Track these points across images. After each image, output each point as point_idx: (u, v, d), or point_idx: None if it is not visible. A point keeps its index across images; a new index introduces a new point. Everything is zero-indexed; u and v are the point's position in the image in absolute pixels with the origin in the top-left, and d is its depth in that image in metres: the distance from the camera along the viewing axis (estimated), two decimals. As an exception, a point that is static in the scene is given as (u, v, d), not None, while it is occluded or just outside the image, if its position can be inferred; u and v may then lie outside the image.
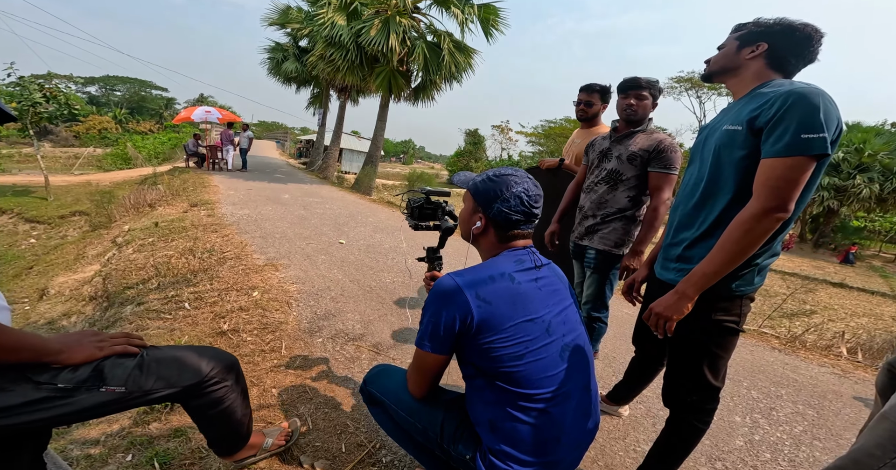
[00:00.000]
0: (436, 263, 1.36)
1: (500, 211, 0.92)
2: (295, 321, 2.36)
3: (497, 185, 0.93)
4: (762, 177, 0.94)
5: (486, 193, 0.95)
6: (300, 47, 12.60)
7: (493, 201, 0.93)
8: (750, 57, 1.08)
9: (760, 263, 1.03)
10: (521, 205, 0.92)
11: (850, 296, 9.73)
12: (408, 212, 1.34)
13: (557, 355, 0.91)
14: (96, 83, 55.55)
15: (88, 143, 27.78)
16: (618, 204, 1.76)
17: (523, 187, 0.93)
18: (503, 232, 0.95)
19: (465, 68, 9.91)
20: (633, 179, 1.72)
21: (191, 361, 0.94)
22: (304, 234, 4.58)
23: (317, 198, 7.79)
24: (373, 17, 8.73)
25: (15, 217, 8.35)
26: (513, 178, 0.93)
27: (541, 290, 0.92)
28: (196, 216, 4.92)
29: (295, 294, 2.77)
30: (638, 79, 1.69)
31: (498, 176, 0.95)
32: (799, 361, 2.78)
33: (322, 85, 13.08)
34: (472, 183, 0.99)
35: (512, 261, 0.93)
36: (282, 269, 3.26)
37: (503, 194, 0.92)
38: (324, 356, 2.01)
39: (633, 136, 1.73)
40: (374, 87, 10.01)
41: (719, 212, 1.04)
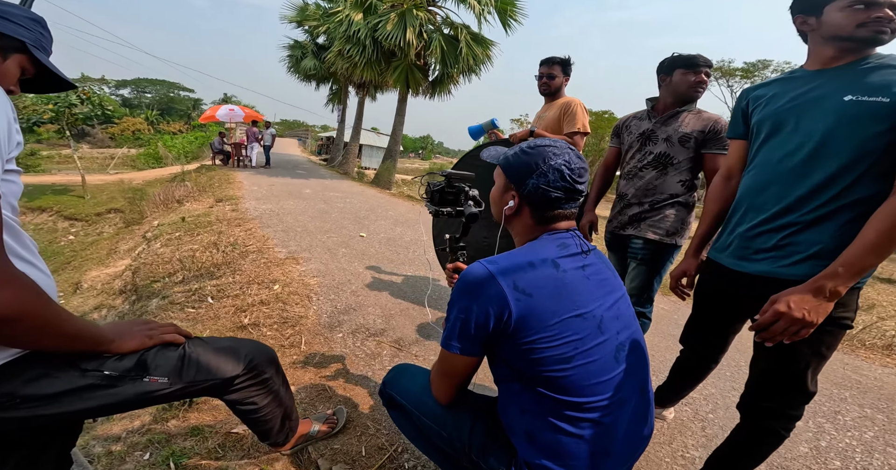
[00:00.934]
0: (459, 254, 1.22)
1: (536, 187, 0.79)
2: (315, 315, 2.30)
3: (532, 157, 0.80)
4: None
5: (519, 168, 0.82)
6: (318, 44, 12.66)
7: (527, 176, 0.80)
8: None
9: None
10: (562, 179, 0.78)
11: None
12: (427, 196, 1.22)
13: (612, 357, 0.76)
14: (128, 86, 58.28)
15: (123, 143, 29.27)
16: (670, 189, 1.60)
17: (564, 159, 0.79)
18: (541, 212, 0.82)
19: (483, 61, 9.67)
20: (686, 163, 1.57)
21: (231, 354, 0.93)
22: (324, 227, 4.57)
23: (337, 192, 7.82)
24: (389, 12, 8.63)
25: (55, 215, 8.84)
26: (551, 150, 0.80)
27: (589, 279, 0.78)
28: (221, 211, 5.00)
29: (315, 287, 2.72)
30: (706, 58, 1.55)
31: (533, 147, 0.82)
32: (860, 362, 2.52)
33: (340, 81, 13.13)
34: (503, 157, 0.86)
35: (554, 245, 0.79)
36: (303, 262, 3.23)
37: (539, 168, 0.79)
38: (343, 352, 1.94)
39: (680, 117, 1.58)
40: (391, 81, 9.95)
41: (843, 193, 0.90)
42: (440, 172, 1.20)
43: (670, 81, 1.59)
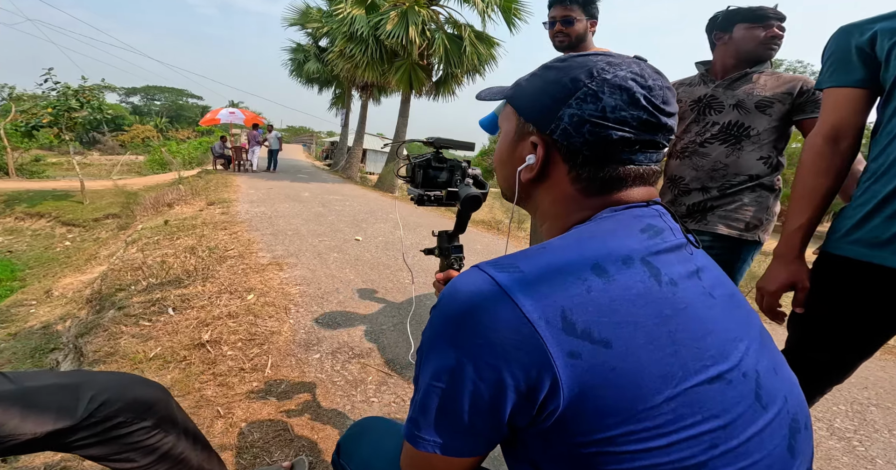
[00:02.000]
0: (453, 258, 0.86)
1: (579, 121, 0.42)
2: (290, 331, 1.97)
3: (565, 71, 0.44)
4: None
5: (542, 92, 0.45)
6: (320, 47, 12.63)
7: (559, 103, 0.43)
8: None
9: None
10: (631, 104, 0.41)
11: None
12: (407, 176, 0.85)
13: (785, 450, 0.38)
14: (138, 93, 59.94)
15: (134, 150, 29.77)
16: (748, 169, 1.24)
17: (630, 71, 0.42)
18: (592, 168, 0.44)
19: (488, 60, 9.49)
20: (768, 134, 1.22)
21: (54, 396, 0.65)
22: (318, 231, 4.28)
23: (337, 195, 7.57)
24: (390, 10, 8.49)
25: (52, 221, 8.73)
26: (601, 59, 0.44)
27: (713, 297, 0.40)
28: (209, 214, 4.75)
29: (296, 297, 2.39)
30: (777, 10, 1.22)
31: (566, 59, 0.46)
32: None
33: (343, 84, 13.07)
34: (512, 86, 0.52)
35: (636, 230, 0.41)
36: (287, 268, 2.92)
37: (582, 85, 0.42)
38: (318, 378, 1.60)
39: (752, 78, 1.25)
40: (394, 81, 9.76)
41: None
42: (426, 139, 0.83)
43: (730, 39, 1.26)
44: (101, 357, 1.73)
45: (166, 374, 1.56)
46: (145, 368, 1.60)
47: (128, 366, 1.62)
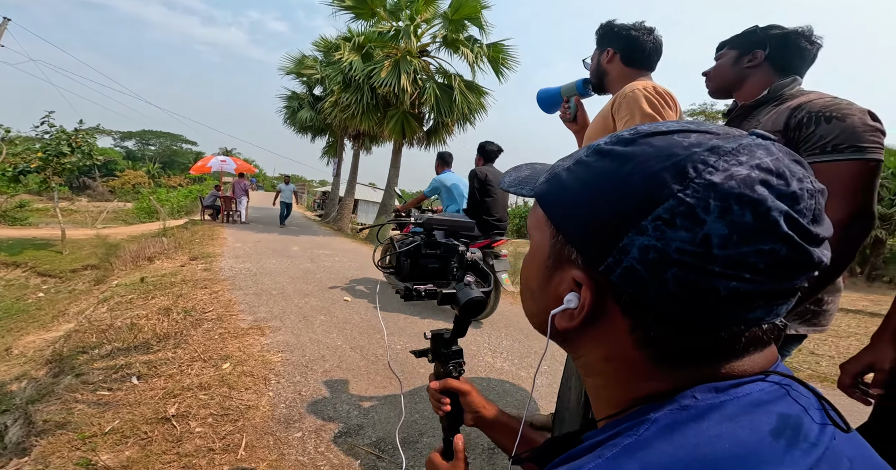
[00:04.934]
0: (450, 365, 0.75)
1: (655, 262, 0.28)
2: (268, 405, 1.93)
3: (636, 164, 0.30)
4: None
5: (593, 200, 0.31)
6: (314, 95, 13.81)
7: (624, 226, 0.29)
8: None
9: None
10: (759, 232, 0.27)
11: None
12: (387, 265, 0.79)
13: None
14: (133, 137, 63.41)
15: (124, 197, 30.67)
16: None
17: (754, 164, 0.28)
18: (675, 334, 0.30)
19: (478, 109, 10.35)
20: None
21: None
22: (305, 289, 4.32)
23: (327, 250, 7.71)
24: (383, 59, 9.42)
25: (28, 271, 8.75)
26: (700, 144, 0.29)
27: None
28: (191, 270, 4.82)
29: (277, 367, 2.37)
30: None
31: (634, 139, 0.32)
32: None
33: (336, 133, 14.02)
34: (547, 175, 0.38)
35: (765, 435, 0.27)
36: (269, 333, 2.92)
37: (669, 197, 0.28)
38: (300, 461, 1.55)
39: (757, 113, 1.16)
40: (386, 131, 10.51)
41: None
42: (414, 220, 0.80)
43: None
44: (50, 428, 1.69)
45: (123, 450, 1.52)
46: (98, 442, 1.56)
47: (77, 440, 1.58)
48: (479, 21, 9.69)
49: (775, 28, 1.19)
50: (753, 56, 1.20)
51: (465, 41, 9.75)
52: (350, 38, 10.35)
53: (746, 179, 0.27)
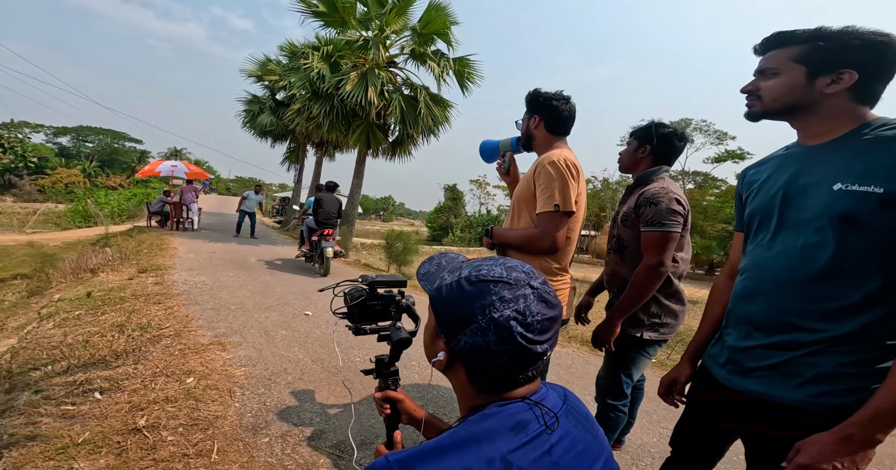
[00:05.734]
0: (390, 381, 1.06)
1: (470, 348, 0.63)
2: (236, 415, 2.14)
3: (470, 299, 0.63)
4: None
5: (450, 312, 0.66)
6: (277, 100, 13.70)
7: (459, 329, 0.64)
8: (833, 91, 0.91)
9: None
10: (508, 342, 0.61)
11: None
12: (342, 313, 1.08)
13: None
14: (69, 133, 58.50)
15: (54, 197, 28.31)
16: (627, 276, 1.67)
17: (517, 309, 0.61)
18: (483, 381, 0.66)
19: (442, 121, 10.84)
20: (634, 243, 1.65)
21: None
22: (265, 303, 4.45)
23: (288, 260, 7.75)
24: (350, 71, 9.63)
25: None
26: (501, 290, 0.63)
27: (558, 465, 0.61)
28: (141, 284, 4.80)
29: (241, 380, 2.57)
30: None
31: (478, 281, 0.64)
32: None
33: (299, 140, 13.99)
34: (437, 285, 0.70)
35: (506, 429, 0.61)
36: (230, 348, 3.08)
37: (476, 320, 0.62)
38: (269, 463, 1.79)
39: (632, 193, 1.72)
40: (352, 141, 10.72)
41: (868, 313, 0.84)
42: (361, 278, 1.10)
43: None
44: (19, 440, 1.81)
45: (99, 459, 1.69)
46: (74, 453, 1.72)
47: (50, 451, 1.73)
48: (448, 36, 10.13)
49: (662, 127, 1.74)
50: (644, 149, 1.75)
51: (432, 55, 10.16)
52: (319, 46, 10.50)
53: (507, 317, 0.61)
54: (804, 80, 0.93)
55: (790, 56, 0.95)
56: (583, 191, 1.60)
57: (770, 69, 0.98)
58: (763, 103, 1.00)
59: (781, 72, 0.96)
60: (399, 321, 1.07)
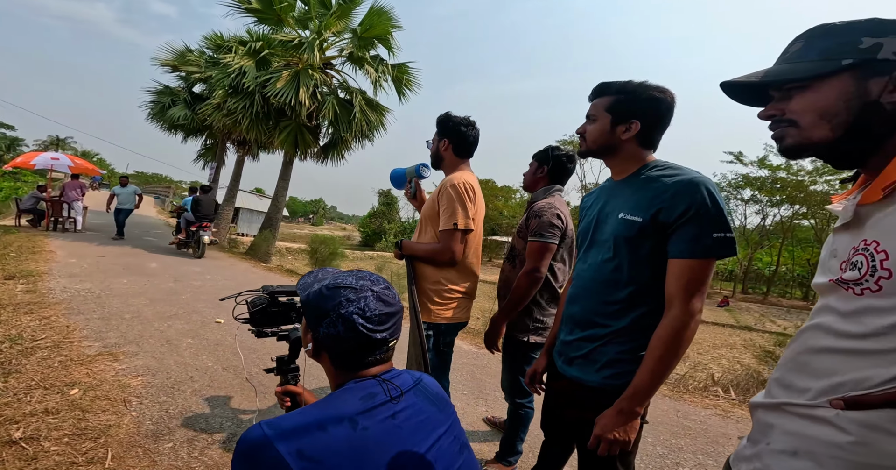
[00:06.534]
0: (290, 376, 1.23)
1: (326, 336, 0.82)
2: (133, 424, 2.06)
3: (326, 301, 0.82)
4: (681, 280, 1.00)
5: (313, 311, 0.85)
6: (193, 93, 12.65)
7: (319, 323, 0.83)
8: (626, 137, 1.13)
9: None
10: (352, 331, 0.80)
11: (708, 329, 13.34)
12: (245, 318, 1.22)
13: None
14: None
15: None
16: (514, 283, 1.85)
17: (359, 306, 0.81)
18: (340, 362, 0.85)
19: (378, 127, 10.88)
20: (525, 252, 1.84)
21: None
22: (168, 312, 4.18)
23: (196, 267, 7.24)
24: (282, 69, 9.27)
25: None
26: (348, 293, 0.82)
27: (400, 427, 0.79)
28: (8, 292, 4.21)
29: (138, 389, 2.45)
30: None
31: (333, 288, 0.84)
32: (687, 407, 3.21)
33: (217, 136, 13.06)
34: (306, 292, 0.88)
35: (357, 398, 0.79)
36: (124, 358, 2.89)
37: (330, 315, 0.81)
38: (173, 465, 1.77)
39: (528, 208, 1.96)
40: (277, 142, 10.27)
41: (635, 311, 1.09)
42: (262, 288, 1.23)
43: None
44: None
45: (-34, 477, 1.56)
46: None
47: None
48: (388, 42, 10.18)
49: (557, 150, 1.98)
50: (542, 170, 1.98)
51: (370, 59, 10.13)
52: (246, 42, 9.95)
53: (351, 312, 0.81)
54: (609, 127, 1.14)
55: (604, 105, 1.15)
56: (480, 209, 1.84)
57: (591, 115, 1.19)
58: (587, 144, 1.21)
59: (598, 118, 1.17)
60: (299, 323, 1.22)
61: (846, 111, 0.65)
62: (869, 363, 0.60)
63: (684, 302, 0.99)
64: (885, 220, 0.61)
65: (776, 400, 0.72)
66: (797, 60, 0.70)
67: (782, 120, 0.72)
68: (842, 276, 0.65)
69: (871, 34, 0.63)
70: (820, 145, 0.69)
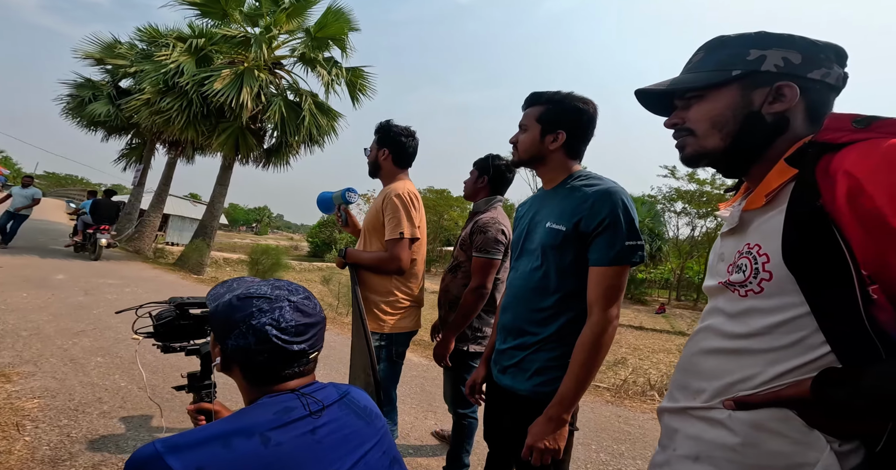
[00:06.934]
0: (203, 393, 1.15)
1: (236, 349, 0.77)
2: (26, 449, 1.91)
3: (236, 312, 0.78)
4: (600, 287, 1.04)
5: (220, 323, 0.81)
6: (119, 88, 11.73)
7: (227, 335, 0.78)
8: (553, 147, 1.16)
9: None
10: (265, 342, 0.76)
11: (647, 335, 13.77)
12: (148, 332, 1.14)
13: None
14: None
15: None
16: (457, 293, 1.88)
17: (273, 317, 0.77)
18: (253, 376, 0.80)
19: (328, 132, 10.56)
20: (467, 264, 1.88)
21: None
22: (74, 328, 3.85)
23: (114, 278, 6.68)
24: (224, 67, 8.79)
25: None
26: (261, 303, 0.79)
27: (321, 443, 0.75)
28: None
29: (34, 412, 2.26)
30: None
31: (244, 298, 0.80)
32: (628, 412, 3.46)
33: (145, 136, 12.16)
34: (214, 303, 0.84)
35: (271, 412, 0.74)
36: (18, 379, 2.65)
37: (239, 327, 0.77)
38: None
39: (470, 220, 1.98)
40: (215, 144, 9.76)
41: (562, 318, 1.12)
42: (169, 300, 1.17)
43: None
44: None
45: None
46: None
47: None
48: (343, 43, 9.90)
49: (498, 159, 1.98)
50: (483, 180, 1.97)
51: (323, 61, 9.81)
52: (185, 37, 9.37)
53: (263, 323, 0.76)
54: (539, 137, 1.17)
55: (535, 115, 1.18)
56: (423, 218, 1.88)
57: (523, 125, 1.21)
58: (518, 154, 1.24)
59: (528, 128, 1.19)
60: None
61: (734, 121, 0.69)
62: (753, 362, 0.62)
63: (602, 309, 1.03)
64: (766, 224, 0.64)
65: (678, 404, 0.74)
66: (697, 70, 0.73)
67: (683, 128, 0.75)
68: (729, 278, 0.68)
69: (757, 46, 0.67)
70: (713, 154, 0.72)
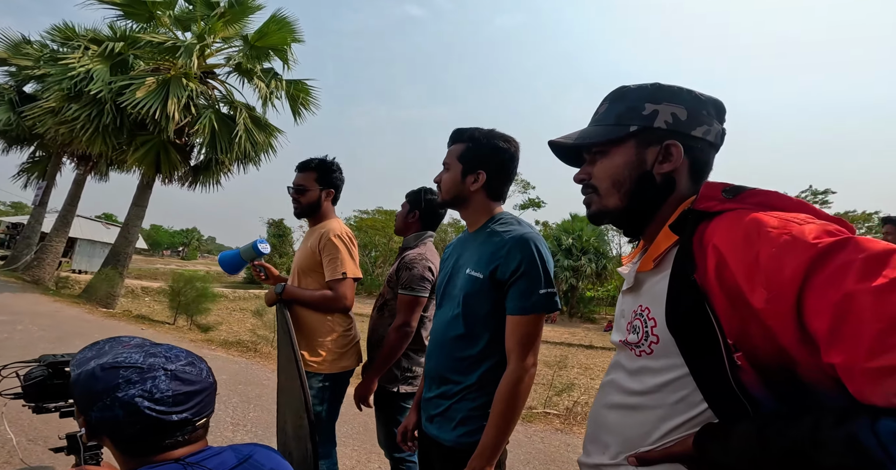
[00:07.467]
0: (87, 454, 1.06)
1: (101, 421, 0.72)
2: None
3: (98, 383, 0.73)
4: (516, 335, 1.05)
5: (81, 393, 0.75)
6: (23, 93, 10.65)
7: (89, 406, 0.73)
8: (474, 188, 1.14)
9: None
10: (135, 415, 0.71)
11: (597, 354, 13.85)
12: (16, 393, 1.03)
13: None
14: None
15: None
16: (383, 331, 1.83)
17: (144, 388, 0.72)
18: (126, 448, 0.75)
19: (265, 148, 10.05)
20: (394, 302, 1.84)
21: None
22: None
23: (4, 314, 5.83)
24: (146, 75, 8.16)
25: None
26: (130, 374, 0.74)
27: None
28: None
29: None
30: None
31: (110, 368, 0.75)
32: (577, 440, 3.47)
33: (51, 148, 11.00)
34: (77, 371, 0.78)
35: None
36: None
37: (102, 400, 0.72)
38: None
39: (399, 256, 1.93)
40: (131, 160, 8.92)
41: (483, 366, 1.11)
42: (40, 358, 1.09)
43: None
44: None
45: None
46: None
47: None
48: (285, 54, 9.52)
49: (430, 193, 1.92)
50: (414, 215, 1.93)
51: (262, 72, 9.33)
52: (102, 39, 8.62)
53: (132, 395, 0.70)
54: (460, 177, 1.14)
55: (457, 153, 1.16)
56: (357, 257, 1.88)
57: (446, 164, 1.19)
58: (441, 195, 1.21)
59: (451, 167, 1.16)
60: None
61: (629, 180, 0.67)
62: (647, 418, 0.65)
63: (519, 358, 1.04)
64: (655, 288, 0.65)
65: (591, 459, 0.74)
66: (600, 123, 0.71)
67: (588, 185, 0.73)
68: (627, 337, 0.70)
69: (651, 100, 0.65)
70: (614, 213, 0.71)
